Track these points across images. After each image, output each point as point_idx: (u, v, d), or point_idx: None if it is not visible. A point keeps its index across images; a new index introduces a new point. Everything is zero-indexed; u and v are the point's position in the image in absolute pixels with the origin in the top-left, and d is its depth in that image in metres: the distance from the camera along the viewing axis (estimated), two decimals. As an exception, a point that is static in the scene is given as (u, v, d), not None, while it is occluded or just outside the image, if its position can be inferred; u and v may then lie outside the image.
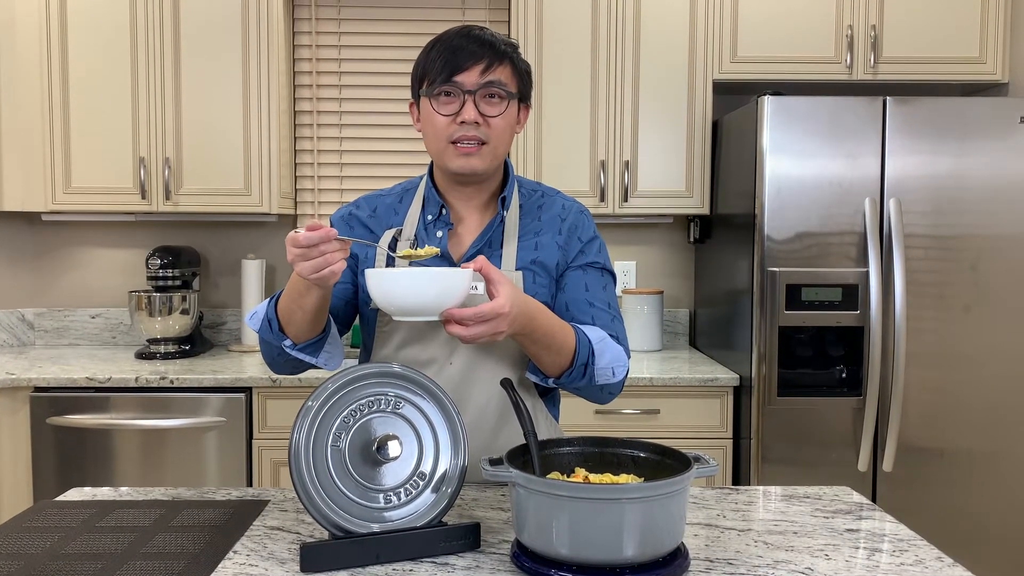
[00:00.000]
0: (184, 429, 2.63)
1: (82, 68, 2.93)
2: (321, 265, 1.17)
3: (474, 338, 1.20)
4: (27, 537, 1.21)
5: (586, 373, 1.37)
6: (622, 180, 2.98)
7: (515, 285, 1.26)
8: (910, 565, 1.12)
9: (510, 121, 1.41)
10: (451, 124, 1.37)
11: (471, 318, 1.18)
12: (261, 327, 1.37)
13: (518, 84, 1.42)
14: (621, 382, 1.44)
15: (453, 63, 1.36)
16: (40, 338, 3.32)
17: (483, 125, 1.37)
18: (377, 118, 3.27)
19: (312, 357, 1.38)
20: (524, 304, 1.25)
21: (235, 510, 1.33)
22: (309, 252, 1.16)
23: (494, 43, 1.38)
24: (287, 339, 1.35)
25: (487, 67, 1.36)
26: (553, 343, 1.32)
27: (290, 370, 1.44)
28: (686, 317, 3.38)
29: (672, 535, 1.05)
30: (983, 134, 2.54)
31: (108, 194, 2.95)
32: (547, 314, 1.32)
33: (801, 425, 2.56)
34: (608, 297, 1.47)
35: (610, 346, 1.40)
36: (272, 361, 1.42)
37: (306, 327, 1.32)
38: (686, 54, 2.96)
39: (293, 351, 1.35)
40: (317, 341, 1.36)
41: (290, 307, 1.31)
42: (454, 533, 1.15)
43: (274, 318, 1.35)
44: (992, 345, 2.56)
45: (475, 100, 1.36)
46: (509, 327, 1.22)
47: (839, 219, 2.54)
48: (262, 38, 2.93)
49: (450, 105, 1.37)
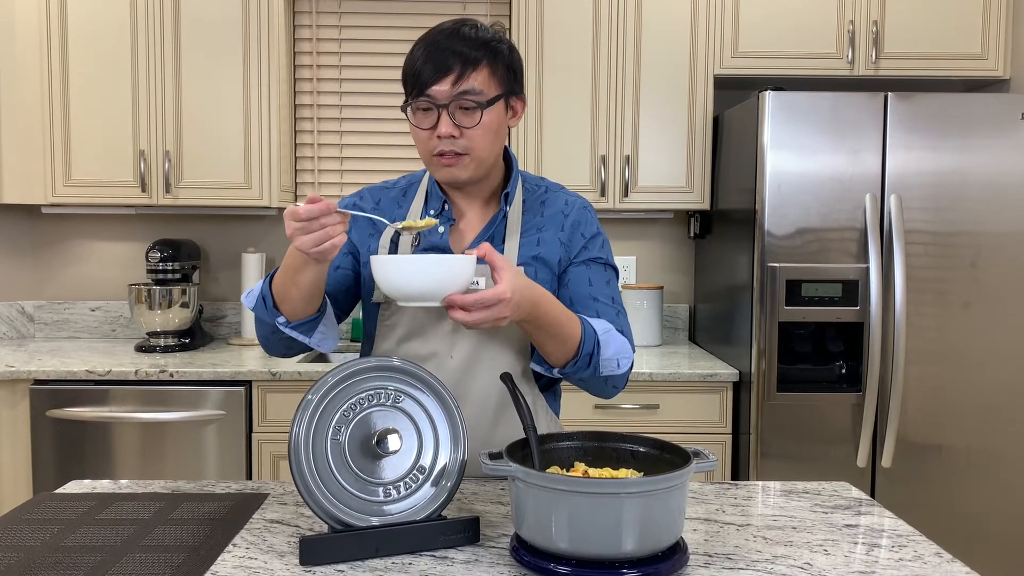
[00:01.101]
0: (184, 422, 2.63)
1: (82, 60, 2.92)
2: (321, 239, 1.16)
3: (476, 323, 1.20)
4: (27, 529, 1.21)
5: (591, 363, 1.36)
6: (622, 175, 2.97)
7: (520, 272, 1.25)
8: (909, 561, 1.13)
9: (491, 127, 1.37)
10: (431, 137, 1.36)
11: (473, 304, 1.18)
12: (256, 304, 1.36)
13: (500, 84, 1.38)
14: (626, 375, 1.43)
15: (426, 74, 1.33)
16: (40, 331, 3.32)
17: (461, 137, 1.35)
18: (378, 111, 3.27)
19: (306, 337, 1.36)
20: (529, 291, 1.24)
21: (235, 503, 1.34)
22: (309, 225, 1.16)
23: (465, 52, 1.33)
24: (281, 316, 1.33)
25: (459, 76, 1.32)
26: (559, 332, 1.32)
27: (283, 350, 1.42)
28: (686, 312, 3.38)
29: (671, 530, 1.05)
30: (984, 130, 2.53)
31: (108, 187, 2.95)
32: (553, 302, 1.31)
33: (800, 421, 2.56)
34: (611, 292, 1.47)
35: (615, 338, 1.39)
36: (266, 340, 1.42)
37: (301, 305, 1.31)
38: (687, 49, 2.96)
39: (287, 329, 1.34)
40: (312, 320, 1.35)
41: (285, 284, 1.30)
42: (453, 527, 1.15)
43: (268, 295, 1.33)
44: (991, 342, 2.56)
45: (450, 112, 1.33)
46: (512, 312, 1.21)
47: (840, 215, 2.54)
48: (263, 31, 2.93)
49: (427, 119, 1.36)
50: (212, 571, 1.08)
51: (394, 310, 1.45)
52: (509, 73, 1.40)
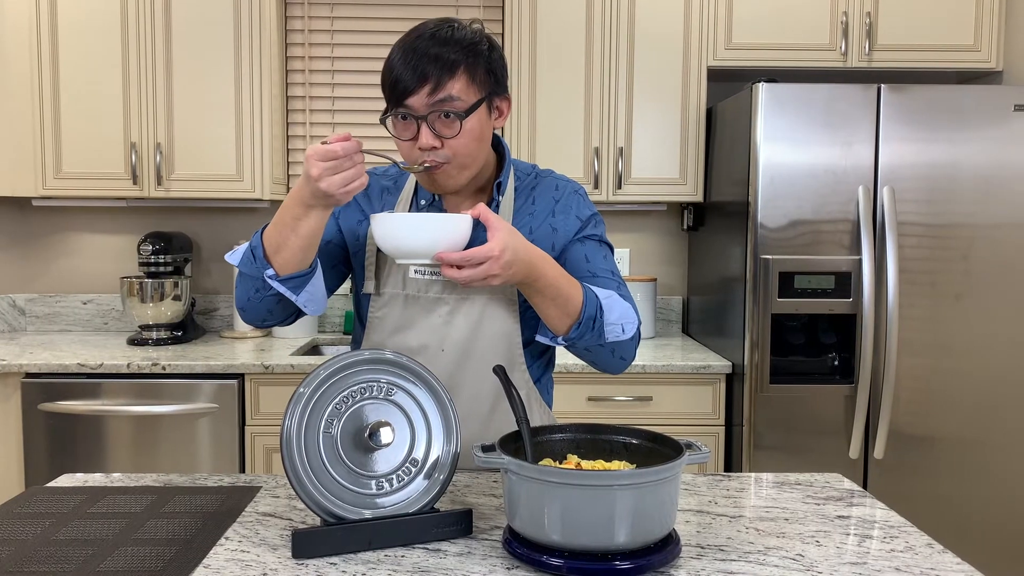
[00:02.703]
0: (176, 415, 2.62)
1: (73, 51, 2.90)
2: (352, 177, 1.16)
3: (467, 280, 1.20)
4: (18, 523, 1.21)
5: (595, 327, 1.33)
6: (616, 167, 2.97)
7: (515, 232, 1.23)
8: (900, 551, 1.13)
9: (473, 133, 1.33)
10: (412, 148, 1.33)
11: (460, 260, 1.18)
12: (242, 259, 1.32)
13: (480, 89, 1.33)
14: (632, 343, 1.40)
15: (400, 87, 1.30)
16: (31, 324, 3.31)
17: (442, 147, 1.32)
18: (370, 103, 3.25)
19: (294, 294, 1.31)
20: (525, 251, 1.23)
21: (227, 496, 1.33)
22: (342, 164, 1.15)
23: (443, 55, 1.29)
24: (271, 268, 1.29)
25: (436, 86, 1.28)
26: (559, 295, 1.29)
27: (264, 313, 1.36)
28: (679, 304, 3.39)
29: (664, 521, 1.05)
30: (977, 122, 2.54)
31: (99, 179, 2.93)
32: (551, 264, 1.29)
33: (793, 412, 2.57)
34: (610, 266, 1.46)
35: (618, 302, 1.37)
36: (246, 302, 1.35)
37: (298, 255, 1.27)
38: (681, 41, 2.95)
39: (275, 282, 1.29)
40: (302, 276, 1.31)
41: (283, 233, 1.26)
42: (446, 519, 1.15)
43: (259, 246, 1.29)
44: (983, 334, 2.57)
45: (429, 123, 1.30)
46: (503, 271, 1.20)
47: (832, 207, 2.54)
48: (254, 23, 2.91)
49: (407, 129, 1.33)
50: (204, 564, 1.07)
51: (385, 301, 1.45)
52: (490, 76, 1.36)
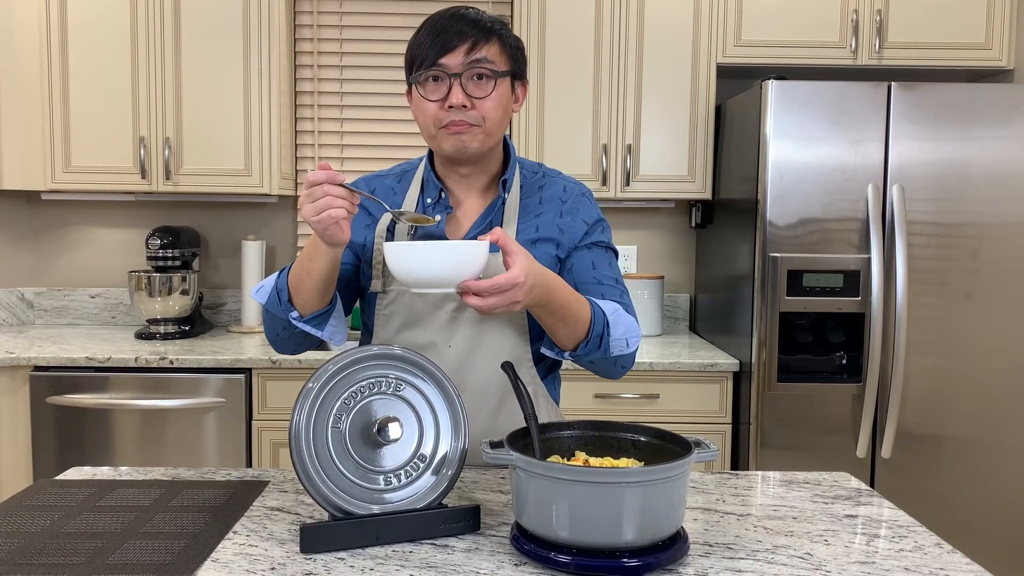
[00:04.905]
0: (184, 409, 2.63)
1: (82, 45, 2.91)
2: (322, 207, 1.16)
3: (491, 308, 1.19)
4: (27, 515, 1.21)
5: (601, 344, 1.35)
6: (624, 164, 2.96)
7: (531, 256, 1.24)
8: (909, 551, 1.13)
9: (501, 101, 1.37)
10: (440, 110, 1.35)
11: (487, 289, 1.17)
12: (269, 299, 1.36)
13: (509, 61, 1.39)
14: (634, 354, 1.43)
15: (438, 45, 1.33)
16: (40, 317, 3.32)
17: (472, 108, 1.34)
18: (379, 99, 3.26)
19: (318, 330, 1.36)
20: (541, 275, 1.24)
21: (235, 490, 1.34)
22: (313, 192, 1.16)
23: (479, 21, 1.35)
24: (294, 311, 1.33)
25: (473, 46, 1.33)
26: (569, 315, 1.31)
27: (292, 347, 1.42)
28: (686, 302, 3.38)
29: (672, 519, 1.05)
30: (988, 121, 2.52)
31: (108, 173, 2.94)
32: (563, 285, 1.31)
33: (800, 411, 2.56)
34: (615, 273, 1.48)
35: (623, 317, 1.39)
36: (275, 337, 1.41)
37: (314, 296, 1.30)
38: (690, 37, 2.94)
39: (299, 323, 1.34)
40: (323, 313, 1.35)
41: (299, 275, 1.29)
42: (454, 515, 1.15)
43: (284, 288, 1.33)
44: (992, 334, 2.56)
45: (462, 83, 1.33)
46: (525, 297, 1.20)
47: (842, 205, 2.53)
48: (263, 17, 2.91)
49: (438, 90, 1.35)
50: (212, 558, 1.08)
51: (392, 299, 1.45)
52: (516, 56, 1.41)
